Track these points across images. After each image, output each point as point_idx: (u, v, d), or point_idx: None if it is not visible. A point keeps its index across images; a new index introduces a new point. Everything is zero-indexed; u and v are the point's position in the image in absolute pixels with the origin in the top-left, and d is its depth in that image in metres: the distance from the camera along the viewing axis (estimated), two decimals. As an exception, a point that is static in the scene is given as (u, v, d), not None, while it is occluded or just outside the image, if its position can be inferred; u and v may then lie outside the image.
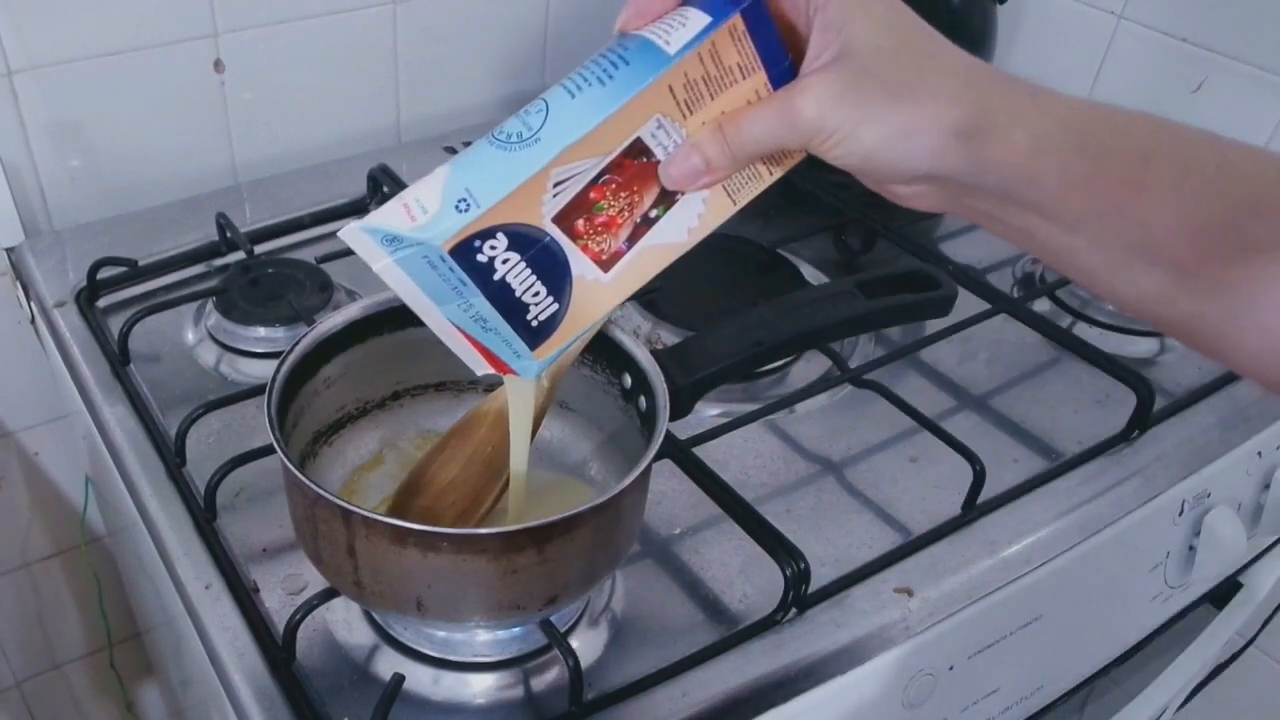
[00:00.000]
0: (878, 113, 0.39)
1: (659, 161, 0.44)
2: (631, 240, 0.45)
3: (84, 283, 0.80)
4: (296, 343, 0.55)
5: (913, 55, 0.40)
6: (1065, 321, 0.85)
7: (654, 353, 0.56)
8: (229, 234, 0.84)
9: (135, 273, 0.82)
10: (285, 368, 0.54)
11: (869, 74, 0.39)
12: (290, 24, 0.92)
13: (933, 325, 0.78)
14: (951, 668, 0.65)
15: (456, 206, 0.42)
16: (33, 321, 0.87)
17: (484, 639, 0.57)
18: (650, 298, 0.79)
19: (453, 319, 0.45)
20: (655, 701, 0.55)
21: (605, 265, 0.46)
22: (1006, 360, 0.80)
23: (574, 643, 0.56)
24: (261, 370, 0.75)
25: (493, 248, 0.43)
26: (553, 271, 0.45)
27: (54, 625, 1.10)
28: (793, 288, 0.83)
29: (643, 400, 0.56)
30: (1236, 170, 0.40)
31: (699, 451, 0.66)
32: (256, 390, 0.69)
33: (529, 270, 0.44)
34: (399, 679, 0.54)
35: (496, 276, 0.44)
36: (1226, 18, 0.97)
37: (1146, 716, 0.93)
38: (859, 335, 0.81)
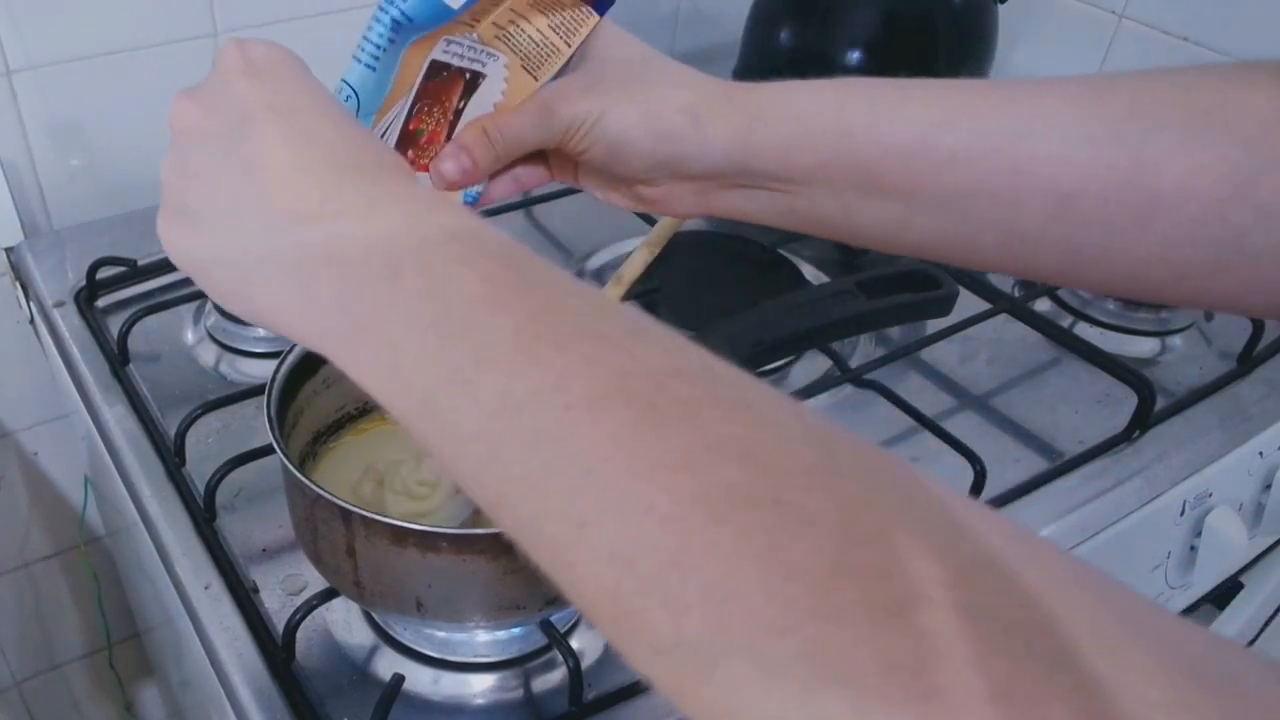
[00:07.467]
0: (619, 100, 0.45)
1: (457, 67, 0.47)
2: (449, 135, 0.48)
3: (83, 282, 0.80)
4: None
5: (644, 61, 0.47)
6: (1066, 321, 0.85)
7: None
8: (229, 234, 0.84)
9: (135, 272, 0.82)
10: (285, 367, 0.54)
11: (609, 75, 0.46)
12: (290, 23, 0.92)
13: (933, 325, 0.78)
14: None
15: None
16: (32, 321, 0.87)
17: (484, 639, 0.57)
18: (651, 298, 0.79)
19: None
20: (655, 701, 0.55)
21: None
22: (1007, 360, 0.80)
23: (574, 643, 0.56)
24: (261, 370, 0.75)
25: None
26: None
27: (53, 625, 1.10)
28: (793, 287, 0.83)
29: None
30: (917, 97, 0.44)
31: (699, 451, 0.66)
32: (256, 390, 0.69)
33: None
34: (399, 679, 0.54)
35: None
36: (1227, 17, 0.97)
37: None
38: (859, 335, 0.81)
